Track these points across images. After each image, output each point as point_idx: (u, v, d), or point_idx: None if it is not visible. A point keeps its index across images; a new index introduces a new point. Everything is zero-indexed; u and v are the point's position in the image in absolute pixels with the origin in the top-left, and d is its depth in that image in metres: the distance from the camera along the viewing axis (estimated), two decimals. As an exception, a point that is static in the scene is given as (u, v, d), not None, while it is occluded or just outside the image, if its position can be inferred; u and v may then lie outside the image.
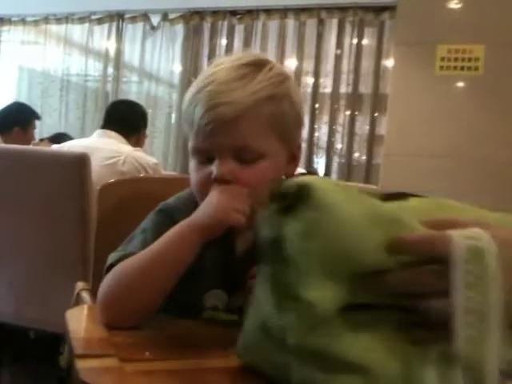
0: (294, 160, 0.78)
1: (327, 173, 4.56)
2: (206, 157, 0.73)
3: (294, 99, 0.75)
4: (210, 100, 0.70)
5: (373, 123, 4.22)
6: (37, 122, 4.41)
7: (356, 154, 4.44)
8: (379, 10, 4.07)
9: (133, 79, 5.08)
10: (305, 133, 4.56)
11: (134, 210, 0.98)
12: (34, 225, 1.96)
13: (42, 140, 3.41)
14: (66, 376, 0.94)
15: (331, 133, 4.41)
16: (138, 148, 2.25)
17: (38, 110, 4.76)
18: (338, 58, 4.26)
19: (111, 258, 0.72)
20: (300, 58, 4.38)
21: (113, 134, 2.23)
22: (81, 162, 1.86)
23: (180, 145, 4.69)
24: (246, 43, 4.53)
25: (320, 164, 4.85)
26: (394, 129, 3.46)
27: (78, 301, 0.89)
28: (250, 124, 0.70)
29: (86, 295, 0.87)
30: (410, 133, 3.38)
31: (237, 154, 0.71)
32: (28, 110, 3.12)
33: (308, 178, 0.50)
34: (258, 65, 0.73)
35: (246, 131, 0.70)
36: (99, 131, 2.28)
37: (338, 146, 4.52)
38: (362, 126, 4.37)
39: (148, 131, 2.54)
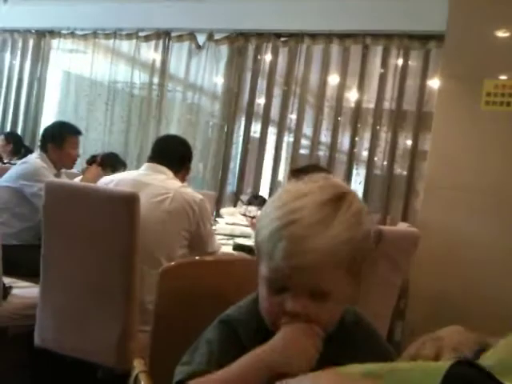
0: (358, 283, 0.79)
1: (367, 185, 4.57)
2: (279, 287, 0.74)
3: (369, 234, 0.77)
4: (293, 244, 0.71)
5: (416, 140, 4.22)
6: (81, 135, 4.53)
7: (397, 169, 4.44)
8: (425, 38, 4.04)
9: (177, 96, 5.18)
10: (346, 145, 4.61)
11: (194, 293, 1.03)
12: (82, 258, 2.03)
13: (90, 163, 3.46)
14: None
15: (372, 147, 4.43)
16: (185, 184, 2.29)
17: (83, 123, 4.92)
18: (381, 85, 4.26)
19: (179, 372, 0.75)
20: (343, 79, 4.40)
21: (163, 168, 2.24)
22: (130, 201, 1.92)
23: (219, 163, 4.79)
24: (290, 65, 4.57)
25: (360, 176, 4.85)
26: (437, 163, 3.43)
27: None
28: (329, 270, 0.72)
29: (144, 381, 0.91)
30: (454, 167, 3.34)
31: (312, 292, 0.73)
32: (62, 126, 3.18)
33: None
34: (339, 200, 0.74)
35: (325, 277, 0.72)
36: (148, 165, 2.29)
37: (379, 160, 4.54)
38: (404, 142, 4.38)
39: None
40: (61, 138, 3.03)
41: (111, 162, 3.52)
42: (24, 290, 2.38)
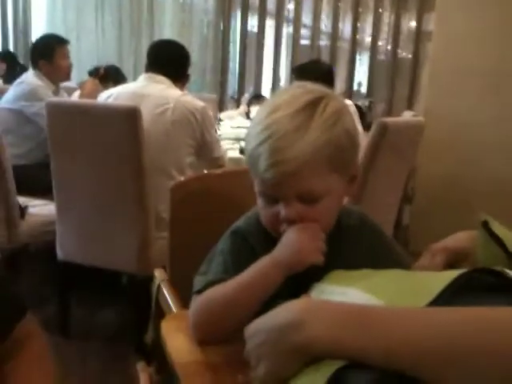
0: (353, 180, 0.81)
1: (371, 73, 4.49)
2: (272, 198, 0.77)
3: (350, 132, 0.77)
4: (270, 157, 0.73)
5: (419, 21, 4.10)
6: (73, 46, 4.38)
7: (401, 53, 4.35)
8: None
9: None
10: (348, 33, 4.47)
11: (205, 205, 1.06)
12: (91, 174, 2.06)
13: (93, 74, 3.33)
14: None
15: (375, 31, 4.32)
16: (185, 92, 2.25)
17: (74, 33, 4.76)
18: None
19: (198, 282, 0.80)
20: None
21: (161, 78, 2.19)
22: (132, 115, 1.91)
23: (218, 64, 4.66)
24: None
25: (363, 64, 4.76)
26: (442, 44, 3.32)
27: (159, 293, 0.99)
28: (311, 172, 0.74)
29: (166, 289, 0.97)
30: (458, 50, 3.24)
31: (300, 196, 0.75)
32: (48, 39, 3.07)
33: None
34: (313, 105, 0.75)
35: (308, 179, 0.74)
36: (146, 76, 2.23)
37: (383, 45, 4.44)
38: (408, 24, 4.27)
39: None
40: (49, 51, 2.94)
41: (113, 76, 3.43)
42: (40, 208, 2.44)
